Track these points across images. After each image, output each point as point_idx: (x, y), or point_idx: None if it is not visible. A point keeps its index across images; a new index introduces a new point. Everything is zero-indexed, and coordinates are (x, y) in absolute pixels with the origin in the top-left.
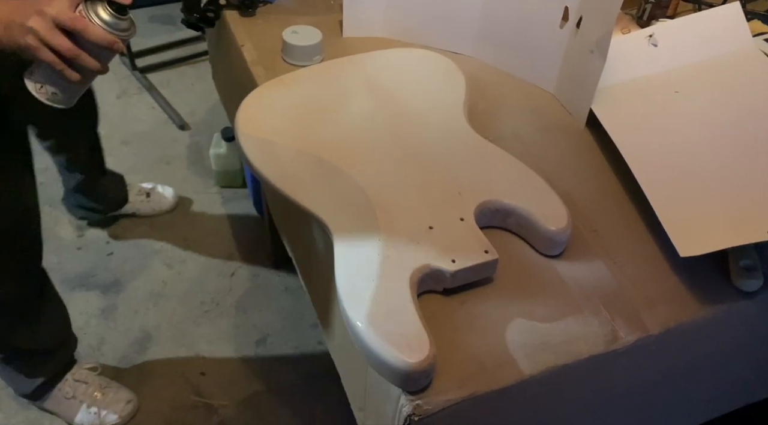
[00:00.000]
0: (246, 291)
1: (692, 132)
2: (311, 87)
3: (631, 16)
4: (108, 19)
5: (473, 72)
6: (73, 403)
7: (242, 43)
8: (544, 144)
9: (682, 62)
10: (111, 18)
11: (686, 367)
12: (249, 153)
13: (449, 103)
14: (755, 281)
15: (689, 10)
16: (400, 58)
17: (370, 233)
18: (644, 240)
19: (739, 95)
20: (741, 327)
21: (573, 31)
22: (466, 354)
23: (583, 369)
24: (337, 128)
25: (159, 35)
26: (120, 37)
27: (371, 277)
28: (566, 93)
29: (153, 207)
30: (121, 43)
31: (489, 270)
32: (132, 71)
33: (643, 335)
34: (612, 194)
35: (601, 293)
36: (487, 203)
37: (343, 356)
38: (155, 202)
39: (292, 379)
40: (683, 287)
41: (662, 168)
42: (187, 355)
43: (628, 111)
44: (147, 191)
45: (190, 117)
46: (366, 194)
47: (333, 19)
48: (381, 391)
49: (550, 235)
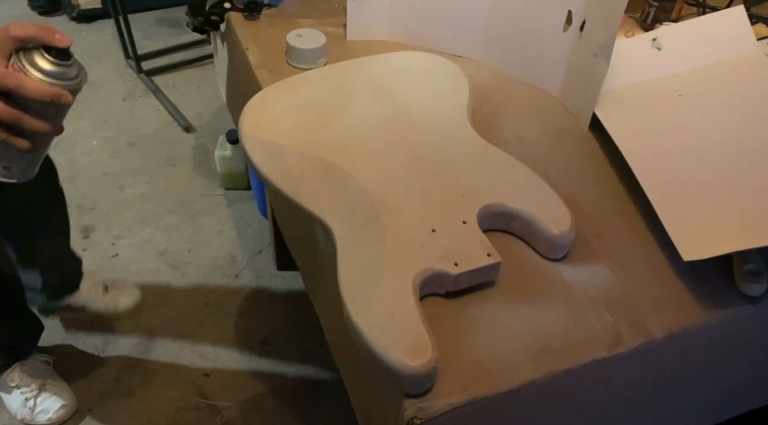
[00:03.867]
0: (250, 293)
1: (696, 135)
2: (315, 90)
3: (635, 20)
4: (48, 69)
5: (477, 75)
6: (15, 393)
7: (247, 46)
8: (548, 148)
9: (686, 66)
10: (52, 67)
11: (690, 371)
12: (253, 156)
13: (453, 106)
14: (760, 286)
15: (693, 14)
16: (403, 61)
17: (373, 236)
18: (648, 244)
19: (743, 99)
20: (745, 332)
21: (577, 34)
22: (469, 358)
23: (586, 373)
24: (341, 131)
25: (165, 38)
26: (66, 87)
27: (374, 280)
28: (570, 96)
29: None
30: (68, 95)
31: (492, 274)
32: (138, 74)
33: (647, 339)
34: (615, 197)
35: (605, 297)
36: (490, 207)
37: (345, 358)
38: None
39: (296, 381)
40: (687, 291)
41: (666, 172)
42: (191, 356)
43: (631, 115)
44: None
45: (196, 119)
46: (369, 197)
47: (337, 22)
48: (383, 394)
49: (553, 238)
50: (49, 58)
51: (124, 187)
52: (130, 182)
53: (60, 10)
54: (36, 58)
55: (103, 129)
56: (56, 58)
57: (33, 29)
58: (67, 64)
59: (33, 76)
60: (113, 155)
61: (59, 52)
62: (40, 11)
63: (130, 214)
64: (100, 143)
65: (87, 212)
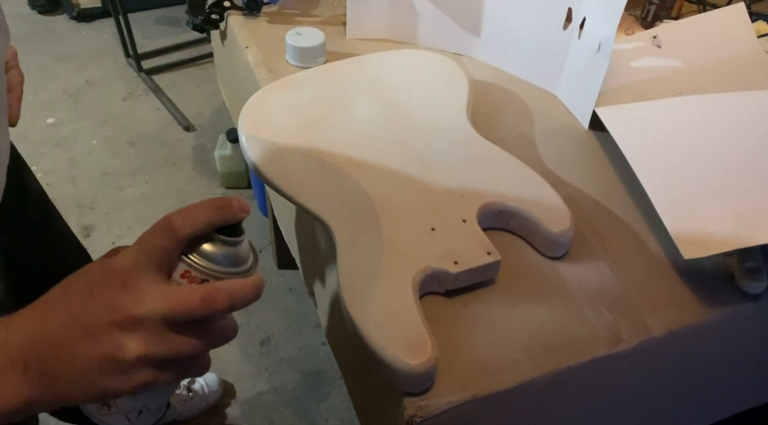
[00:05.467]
0: None
1: (696, 134)
2: (315, 89)
3: (635, 17)
4: (234, 254)
5: (476, 74)
6: None
7: (246, 44)
8: (547, 146)
9: (686, 63)
10: (235, 250)
11: (690, 370)
12: (252, 155)
13: (452, 104)
14: (760, 284)
15: (693, 11)
16: (403, 59)
17: (372, 235)
18: (648, 242)
19: (744, 96)
20: (746, 330)
21: (577, 32)
22: (468, 356)
23: (585, 371)
24: (341, 130)
25: (165, 37)
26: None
27: (373, 278)
28: (570, 95)
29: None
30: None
31: (491, 272)
32: (138, 73)
33: (646, 337)
34: (615, 196)
35: (604, 295)
36: (490, 205)
37: (345, 357)
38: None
39: (296, 379)
40: (687, 289)
41: (665, 170)
42: None
43: (631, 113)
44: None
45: (196, 119)
46: (369, 195)
47: (337, 20)
48: (383, 392)
49: (552, 237)
50: (227, 245)
51: (124, 186)
52: (130, 182)
53: (60, 10)
54: (212, 251)
55: (103, 128)
56: (233, 238)
57: (206, 215)
58: (244, 240)
59: (224, 274)
60: (113, 155)
61: (234, 227)
62: (39, 10)
63: (130, 213)
64: (100, 142)
65: (87, 211)
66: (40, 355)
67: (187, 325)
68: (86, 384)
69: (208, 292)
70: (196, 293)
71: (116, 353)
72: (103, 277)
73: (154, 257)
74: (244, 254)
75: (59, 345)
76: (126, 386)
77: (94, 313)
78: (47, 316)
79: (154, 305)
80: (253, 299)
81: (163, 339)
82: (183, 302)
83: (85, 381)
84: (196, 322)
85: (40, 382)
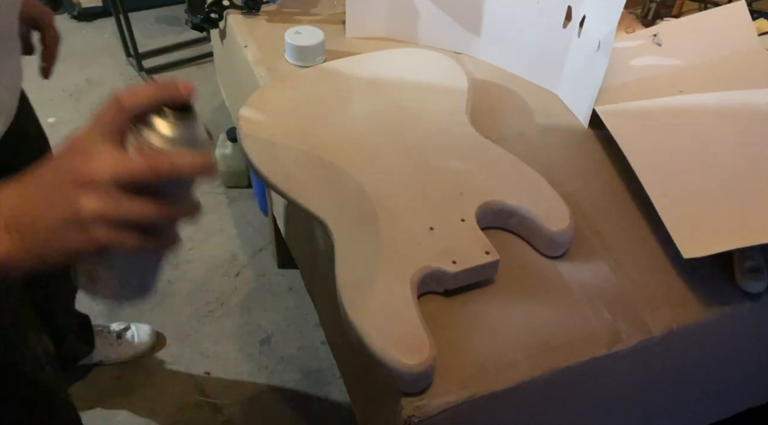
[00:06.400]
0: (251, 291)
1: (696, 132)
2: (314, 88)
3: (636, 15)
4: (183, 134)
5: (476, 72)
6: None
7: (245, 43)
8: (547, 145)
9: (686, 62)
10: (185, 129)
11: (689, 369)
12: (251, 154)
13: (452, 103)
14: (760, 283)
15: (694, 9)
16: (402, 58)
17: (371, 234)
18: (647, 241)
19: (744, 94)
20: (745, 329)
21: (577, 30)
22: (467, 356)
23: (585, 370)
24: (339, 128)
25: (166, 36)
26: (206, 147)
27: (372, 278)
28: (570, 93)
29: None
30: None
31: (490, 271)
32: (139, 72)
33: (646, 336)
34: (615, 194)
35: (604, 294)
36: (489, 204)
37: (344, 356)
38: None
39: (296, 378)
40: (687, 288)
41: (666, 169)
42: (192, 355)
43: (631, 111)
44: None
45: None
46: (367, 194)
47: (336, 19)
48: (381, 392)
49: (552, 236)
50: (176, 120)
51: None
52: None
53: (60, 9)
54: (161, 126)
55: None
56: (182, 116)
57: (149, 92)
58: (194, 119)
59: (170, 147)
60: None
61: (184, 107)
62: None
63: None
64: None
65: None
66: (18, 219)
67: (140, 191)
68: (55, 243)
69: (152, 157)
70: (142, 157)
71: (74, 211)
72: (66, 149)
73: (105, 128)
74: (192, 134)
75: (32, 210)
76: (87, 244)
77: (57, 178)
78: (24, 187)
79: (104, 168)
80: (199, 171)
81: (115, 198)
82: (128, 164)
83: (53, 240)
84: (148, 189)
85: (17, 240)
